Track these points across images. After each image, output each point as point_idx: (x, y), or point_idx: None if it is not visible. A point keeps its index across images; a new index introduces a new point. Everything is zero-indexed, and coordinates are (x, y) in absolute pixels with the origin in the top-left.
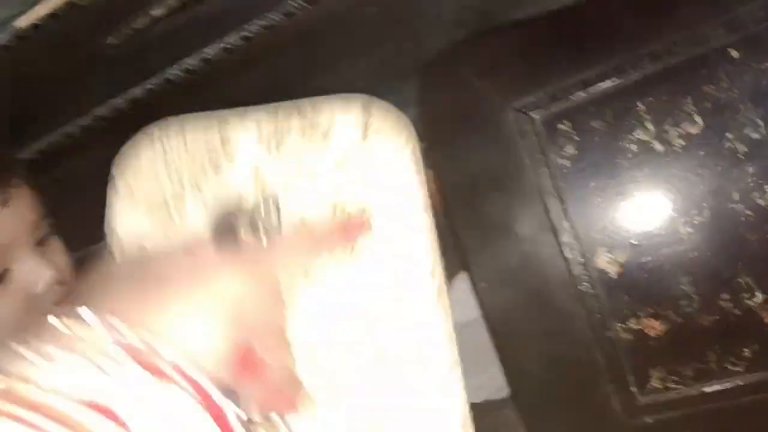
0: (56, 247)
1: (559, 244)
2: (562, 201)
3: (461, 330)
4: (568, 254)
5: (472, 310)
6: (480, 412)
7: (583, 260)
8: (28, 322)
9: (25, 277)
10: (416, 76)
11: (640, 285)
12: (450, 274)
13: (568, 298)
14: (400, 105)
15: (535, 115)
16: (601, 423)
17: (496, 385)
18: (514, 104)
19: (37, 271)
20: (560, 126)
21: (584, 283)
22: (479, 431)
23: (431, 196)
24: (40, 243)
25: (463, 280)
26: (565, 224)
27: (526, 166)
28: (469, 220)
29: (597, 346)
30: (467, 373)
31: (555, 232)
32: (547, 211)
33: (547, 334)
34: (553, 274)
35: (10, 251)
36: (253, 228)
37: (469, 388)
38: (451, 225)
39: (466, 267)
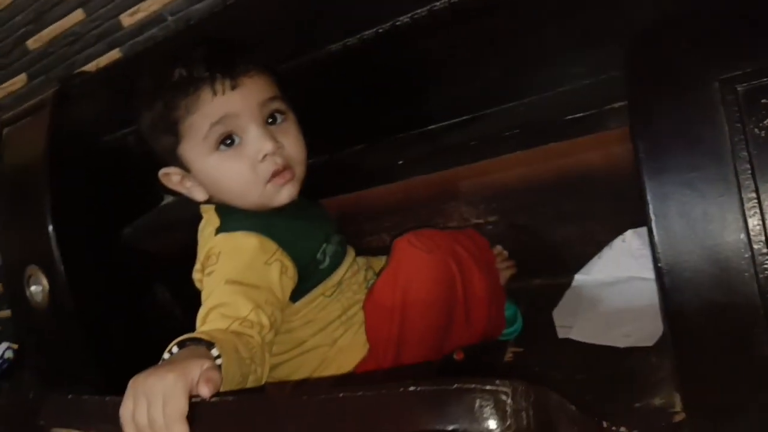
0: (289, 129)
1: (743, 206)
2: (752, 168)
3: (619, 284)
4: (749, 216)
5: (631, 267)
6: (624, 356)
7: (759, 224)
8: (253, 186)
9: (250, 145)
10: (621, 41)
11: None
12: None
13: (741, 255)
14: (604, 67)
15: (740, 88)
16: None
17: (641, 335)
18: (721, 75)
19: (258, 142)
20: (763, 100)
21: (760, 245)
22: (624, 371)
23: None
24: (272, 122)
25: (637, 236)
26: (751, 189)
27: (723, 133)
28: (656, 176)
29: (763, 307)
30: (619, 321)
31: (740, 195)
32: (736, 175)
33: (716, 286)
34: (731, 234)
35: (240, 122)
36: None
37: (618, 335)
38: (638, 179)
39: (647, 216)
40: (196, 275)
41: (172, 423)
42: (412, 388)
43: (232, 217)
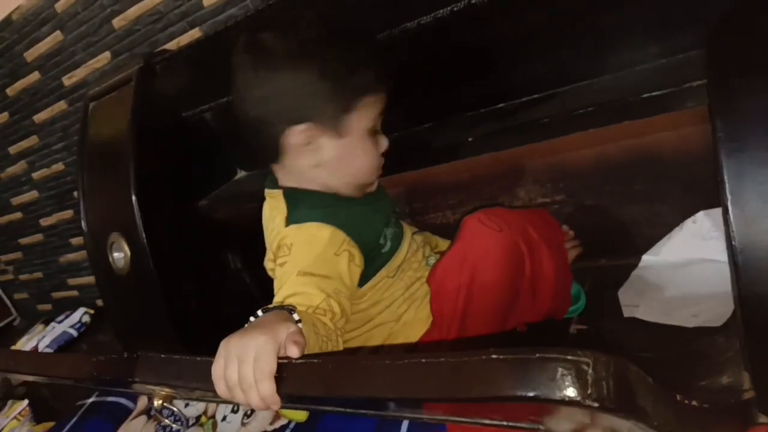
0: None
1: None
2: None
3: (688, 265)
4: None
5: (702, 249)
6: (691, 336)
7: None
8: (372, 173)
9: (380, 141)
10: (699, 23)
11: None
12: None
13: None
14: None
15: None
16: None
17: (709, 316)
18: None
19: (384, 141)
20: None
21: None
22: (690, 351)
23: None
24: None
25: (709, 218)
26: None
27: None
28: (734, 155)
29: None
30: (686, 302)
31: None
32: None
33: None
34: None
35: (378, 120)
36: None
37: (685, 315)
38: (714, 159)
39: (722, 195)
40: (268, 264)
41: (262, 380)
42: (494, 356)
43: (302, 206)
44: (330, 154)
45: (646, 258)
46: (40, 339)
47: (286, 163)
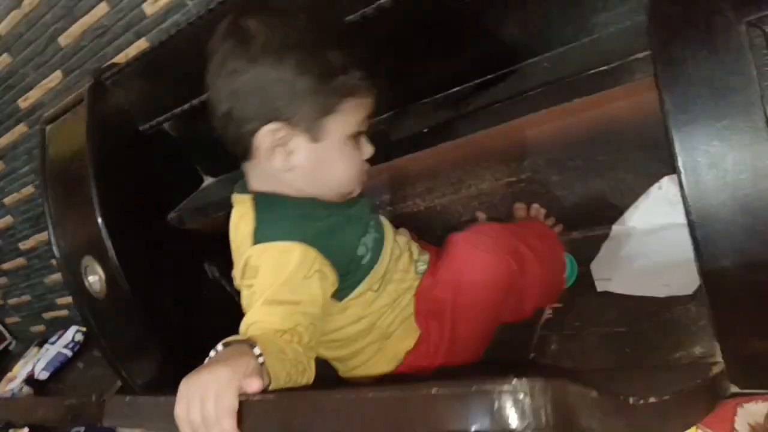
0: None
1: None
2: None
3: (657, 232)
4: None
5: (669, 214)
6: (663, 306)
7: None
8: (354, 180)
9: (364, 147)
10: None
11: None
12: (657, 178)
13: None
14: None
15: None
16: None
17: (680, 284)
18: (748, 17)
19: (369, 146)
20: None
21: None
22: (663, 322)
23: None
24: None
25: (673, 182)
26: None
27: (752, 79)
28: (684, 128)
29: None
30: (657, 271)
31: None
32: (767, 122)
33: (749, 236)
34: (763, 181)
35: (363, 125)
36: None
37: (657, 285)
38: (666, 131)
39: (677, 169)
40: (236, 280)
41: (223, 418)
42: (434, 390)
43: (270, 217)
44: (304, 158)
45: (616, 228)
46: (35, 363)
47: (258, 164)
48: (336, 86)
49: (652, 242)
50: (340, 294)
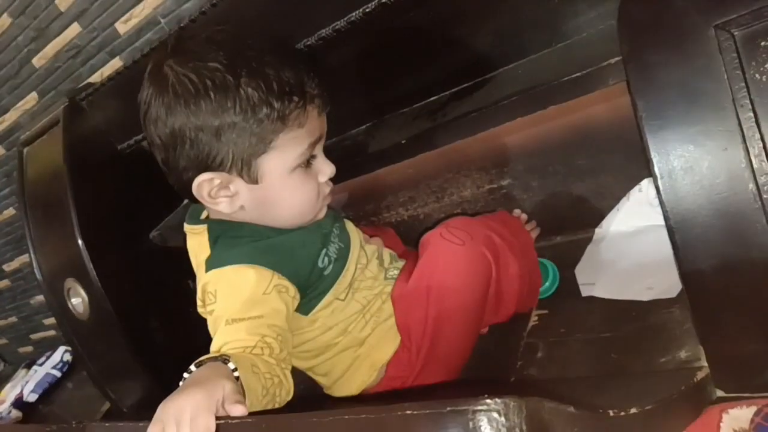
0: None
1: (749, 156)
2: (756, 116)
3: (639, 234)
4: (756, 166)
5: (650, 216)
6: (648, 309)
7: None
8: (314, 206)
9: (320, 168)
10: None
11: None
12: (637, 180)
13: (751, 206)
14: (602, 17)
15: (737, 32)
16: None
17: (663, 287)
18: (716, 21)
19: (326, 166)
20: (763, 43)
21: None
22: (648, 326)
23: None
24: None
25: (648, 186)
26: (757, 138)
27: (723, 82)
28: (658, 133)
29: None
30: (641, 274)
31: (746, 145)
32: (740, 125)
33: (728, 239)
34: (738, 184)
35: (319, 145)
36: None
37: (641, 288)
38: (640, 134)
39: (653, 174)
40: (199, 309)
41: None
42: (408, 411)
43: (224, 244)
44: (249, 199)
45: (599, 231)
46: (23, 385)
47: (207, 206)
48: (261, 121)
49: (635, 244)
50: (306, 307)
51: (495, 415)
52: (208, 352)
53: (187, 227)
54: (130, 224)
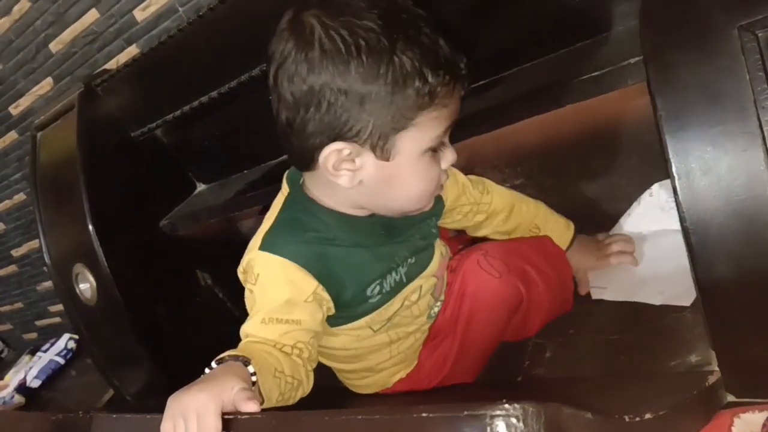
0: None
1: None
2: None
3: (650, 239)
4: None
5: (661, 220)
6: (658, 312)
7: None
8: (431, 194)
9: (445, 155)
10: None
11: None
12: (651, 183)
13: None
14: (623, 17)
15: (761, 33)
16: None
17: (674, 292)
18: (740, 22)
19: (451, 154)
20: None
21: None
22: (659, 329)
23: None
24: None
25: (664, 189)
26: None
27: (745, 83)
28: (677, 134)
29: None
30: (652, 278)
31: (766, 147)
32: (760, 127)
33: (744, 242)
34: (757, 187)
35: (447, 133)
36: None
37: (651, 292)
38: (659, 136)
39: (670, 175)
40: (239, 273)
41: None
42: (424, 414)
43: (289, 226)
44: (372, 176)
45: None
46: (27, 370)
47: (319, 174)
48: (409, 95)
49: (646, 249)
50: (333, 320)
51: (513, 420)
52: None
53: (284, 180)
54: (140, 212)
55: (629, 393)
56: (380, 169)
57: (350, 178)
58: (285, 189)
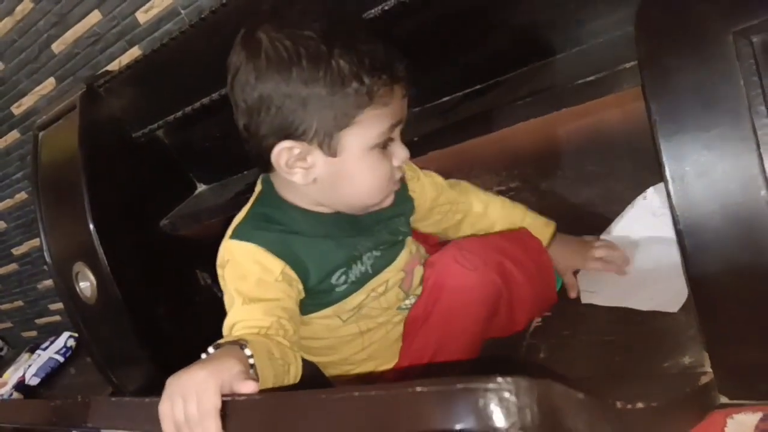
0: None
1: (762, 162)
2: None
3: (641, 245)
4: None
5: (653, 226)
6: (652, 314)
7: None
8: (383, 191)
9: (395, 151)
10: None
11: None
12: (646, 187)
13: (764, 213)
14: (619, 23)
15: (756, 39)
16: None
17: (664, 299)
18: (735, 27)
19: (402, 150)
20: None
21: None
22: (652, 330)
23: None
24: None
25: (658, 193)
26: None
27: (739, 88)
28: (671, 137)
29: None
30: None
31: (760, 152)
32: (755, 132)
33: (738, 245)
34: (752, 191)
35: (397, 129)
36: None
37: (642, 298)
38: (653, 140)
39: (664, 178)
40: (218, 269)
41: (206, 418)
42: (419, 389)
43: (257, 221)
44: (323, 173)
45: (602, 238)
46: (26, 368)
47: (280, 175)
48: (348, 95)
49: (637, 254)
50: (303, 308)
51: (506, 394)
52: (214, 341)
53: (258, 181)
54: (141, 211)
55: (621, 388)
56: (330, 165)
57: (303, 175)
58: (258, 187)
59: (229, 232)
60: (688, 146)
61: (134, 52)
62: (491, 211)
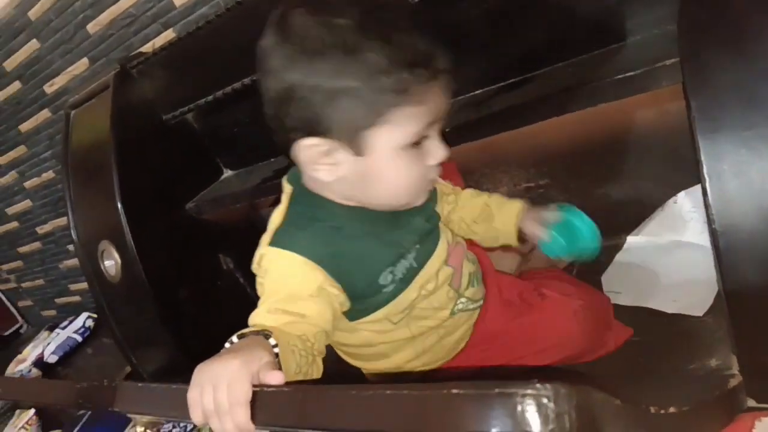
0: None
1: None
2: None
3: (669, 248)
4: None
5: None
6: (679, 316)
7: None
8: (413, 191)
9: (431, 150)
10: None
11: None
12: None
13: None
14: (660, 20)
15: None
16: None
17: (688, 302)
18: None
19: (439, 150)
20: None
21: None
22: (679, 332)
23: None
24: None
25: (689, 197)
26: None
27: None
28: (710, 135)
29: None
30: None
31: None
32: None
33: None
34: None
35: (435, 127)
36: None
37: (665, 299)
38: (692, 137)
39: (701, 176)
40: (254, 269)
41: (236, 407)
42: (454, 391)
43: (296, 222)
44: (350, 172)
45: (630, 239)
46: (45, 346)
47: (305, 171)
48: (380, 91)
49: (665, 256)
50: (351, 314)
51: (544, 400)
52: (236, 326)
53: (283, 181)
54: (168, 193)
55: (652, 390)
56: (357, 164)
57: (328, 172)
58: (287, 188)
59: (267, 237)
60: (727, 145)
61: (168, 35)
62: (475, 199)
